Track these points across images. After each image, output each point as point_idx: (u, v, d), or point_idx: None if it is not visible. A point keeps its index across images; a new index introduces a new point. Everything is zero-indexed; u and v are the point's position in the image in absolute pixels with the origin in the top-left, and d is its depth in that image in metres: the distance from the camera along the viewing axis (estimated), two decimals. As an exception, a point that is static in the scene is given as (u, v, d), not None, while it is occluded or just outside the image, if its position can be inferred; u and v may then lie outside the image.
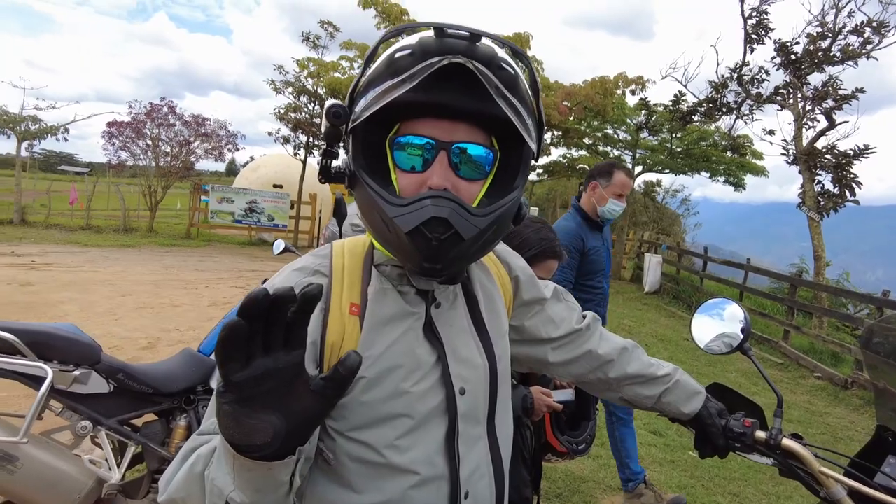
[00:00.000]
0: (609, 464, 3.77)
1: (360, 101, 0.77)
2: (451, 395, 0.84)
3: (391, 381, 0.81)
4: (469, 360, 0.88)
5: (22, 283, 7.55)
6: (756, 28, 11.20)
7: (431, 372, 0.84)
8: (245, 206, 14.68)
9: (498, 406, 0.92)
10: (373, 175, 0.78)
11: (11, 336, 1.79)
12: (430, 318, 0.86)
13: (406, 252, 0.77)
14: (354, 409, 0.81)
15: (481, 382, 0.89)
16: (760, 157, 15.54)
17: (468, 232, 0.74)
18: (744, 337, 1.34)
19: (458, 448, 0.84)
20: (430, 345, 0.85)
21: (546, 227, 1.70)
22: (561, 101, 13.39)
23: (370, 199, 0.76)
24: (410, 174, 0.78)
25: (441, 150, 0.77)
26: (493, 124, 0.79)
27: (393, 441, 0.81)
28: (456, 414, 0.84)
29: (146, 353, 5.01)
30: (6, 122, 14.84)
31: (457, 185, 0.77)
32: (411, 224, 0.73)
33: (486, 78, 0.71)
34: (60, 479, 1.84)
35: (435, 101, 0.74)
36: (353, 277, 0.86)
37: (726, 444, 1.19)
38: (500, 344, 0.95)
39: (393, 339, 0.83)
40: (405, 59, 0.73)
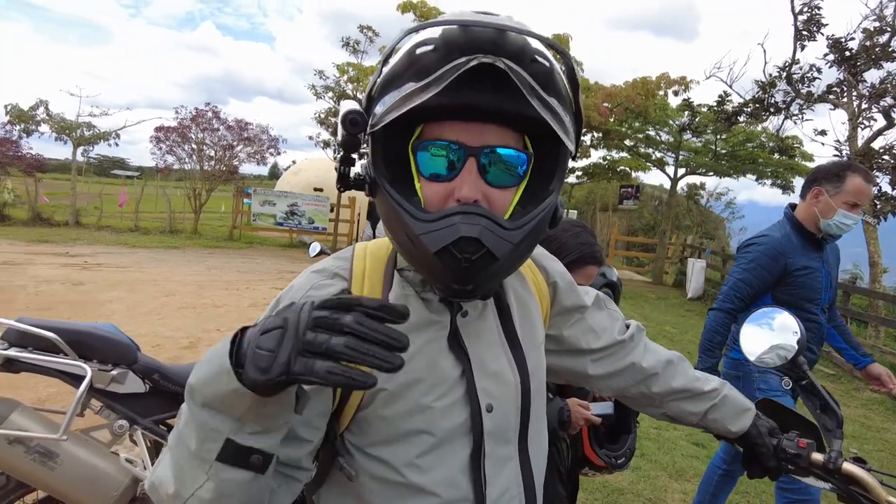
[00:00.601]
0: (648, 475, 3.65)
1: (379, 103, 0.70)
2: (476, 411, 0.78)
3: (412, 396, 0.76)
4: (498, 375, 0.82)
5: (74, 282, 7.86)
6: (807, 24, 10.76)
7: (456, 387, 0.78)
8: (286, 208, 14.98)
9: (531, 424, 0.85)
10: (395, 183, 0.71)
11: (54, 335, 1.83)
12: (455, 327, 0.80)
13: (434, 272, 0.71)
14: (373, 424, 0.76)
15: (512, 399, 0.82)
16: (811, 159, 14.92)
17: (501, 249, 0.67)
18: (798, 349, 1.25)
19: (484, 469, 0.78)
20: (455, 357, 0.79)
21: (585, 230, 1.64)
22: (601, 103, 13.19)
23: (393, 211, 0.70)
24: (436, 183, 0.71)
25: (470, 156, 0.70)
26: (526, 124, 0.71)
27: (413, 459, 0.75)
28: (482, 432, 0.78)
29: (187, 353, 5.12)
30: (63, 129, 15.54)
31: (488, 195, 0.70)
32: (439, 243, 0.66)
33: (519, 76, 0.64)
34: (98, 476, 1.87)
35: (462, 103, 0.67)
36: (374, 282, 0.80)
37: (778, 466, 1.10)
38: (534, 357, 0.88)
39: (415, 350, 0.76)
40: (428, 56, 0.66)
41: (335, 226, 15.24)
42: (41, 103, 15.43)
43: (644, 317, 9.74)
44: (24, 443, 1.75)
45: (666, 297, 12.61)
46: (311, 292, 0.78)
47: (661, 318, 9.96)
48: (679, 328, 9.19)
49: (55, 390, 3.77)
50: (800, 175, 15.14)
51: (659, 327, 8.93)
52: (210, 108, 16.08)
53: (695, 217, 19.54)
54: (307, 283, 0.79)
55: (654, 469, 3.76)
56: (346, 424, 0.78)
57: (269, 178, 44.88)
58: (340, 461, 0.78)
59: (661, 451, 4.08)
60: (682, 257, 15.28)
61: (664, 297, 12.69)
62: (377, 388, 0.75)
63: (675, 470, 3.78)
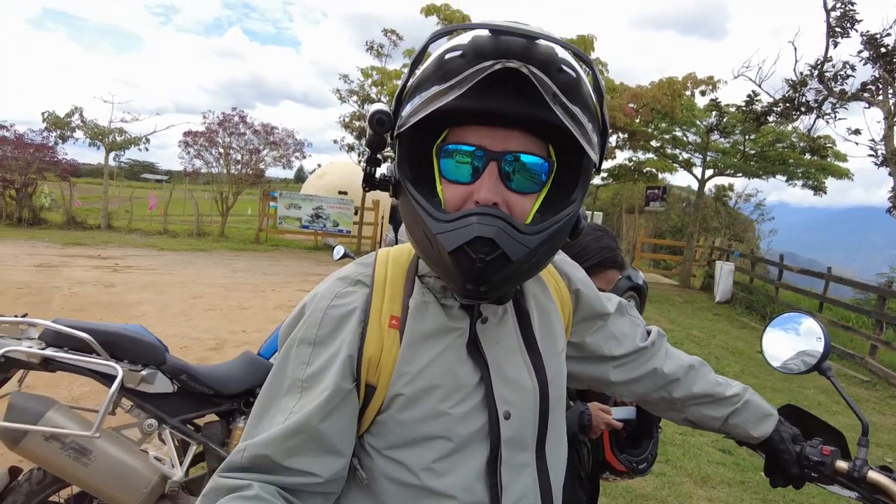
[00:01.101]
0: (673, 481, 3.60)
1: (407, 105, 0.72)
2: (494, 418, 0.78)
3: (429, 401, 0.76)
4: (516, 382, 0.82)
5: (106, 284, 8.07)
6: (840, 20, 10.49)
7: (473, 393, 0.78)
8: (311, 211, 15.17)
9: (549, 432, 0.85)
10: (418, 184, 0.73)
11: (88, 336, 1.89)
12: (474, 334, 0.80)
13: (448, 272, 0.72)
14: (392, 428, 0.77)
15: (530, 406, 0.82)
16: (844, 159, 14.54)
17: (516, 253, 0.68)
18: (823, 355, 1.23)
19: (500, 475, 0.78)
20: (474, 363, 0.79)
21: (606, 234, 1.63)
22: (626, 103, 13.05)
23: (413, 211, 0.72)
24: (457, 185, 0.72)
25: (491, 160, 0.70)
26: (551, 132, 0.71)
27: (430, 464, 0.76)
28: (499, 439, 0.78)
29: (213, 354, 5.22)
30: (97, 135, 15.97)
31: (508, 199, 0.71)
32: (454, 243, 0.67)
33: (543, 83, 0.65)
34: (129, 473, 1.92)
35: (486, 108, 0.68)
36: (396, 288, 0.82)
37: (801, 474, 1.08)
38: (554, 364, 0.88)
39: (433, 357, 0.78)
40: (455, 61, 0.68)
41: (359, 228, 15.37)
42: (76, 110, 15.89)
43: (671, 321, 9.60)
44: (60, 439, 1.81)
45: (693, 301, 12.41)
46: (335, 301, 0.79)
47: (688, 321, 9.81)
48: (706, 332, 9.04)
49: (88, 389, 3.88)
50: (832, 176, 14.76)
51: (686, 331, 8.80)
52: (237, 113, 16.38)
53: (723, 219, 19.21)
54: (331, 292, 0.80)
55: (678, 475, 3.71)
56: (367, 426, 0.80)
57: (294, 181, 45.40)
58: (354, 462, 0.79)
59: (687, 456, 4.02)
60: (709, 260, 15.01)
61: (691, 300, 12.50)
62: (395, 393, 0.76)
63: (701, 476, 3.72)
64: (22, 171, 14.42)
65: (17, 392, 1.89)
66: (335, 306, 0.78)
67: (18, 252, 10.38)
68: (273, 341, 2.46)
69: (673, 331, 8.67)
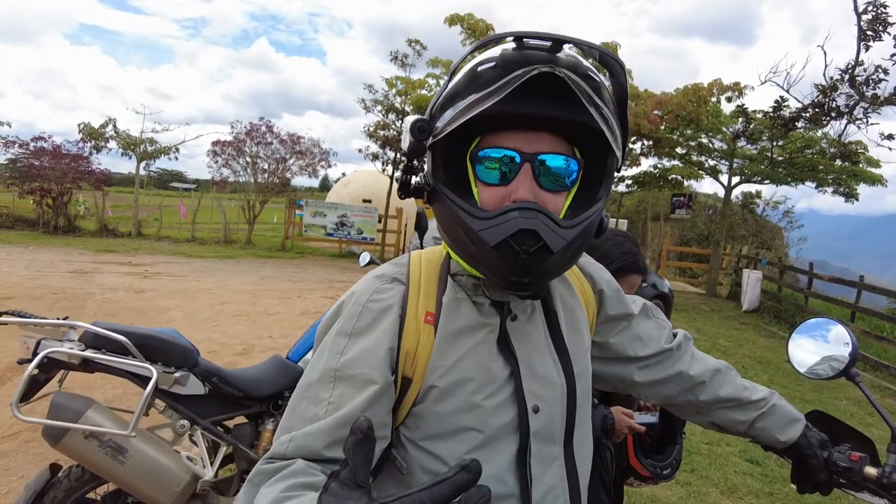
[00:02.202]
0: (699, 491, 3.55)
1: (443, 115, 0.76)
2: (523, 412, 0.82)
3: (462, 394, 0.80)
4: (545, 377, 0.85)
5: (136, 290, 8.28)
6: (872, 24, 10.27)
7: (504, 387, 0.82)
8: (336, 219, 15.35)
9: (577, 426, 0.88)
10: (454, 190, 0.77)
11: (124, 338, 1.96)
12: (504, 330, 0.84)
13: (493, 266, 0.75)
14: (426, 419, 0.81)
15: (558, 401, 0.85)
16: (877, 165, 14.17)
17: (557, 244, 0.72)
18: (850, 360, 1.22)
19: (530, 467, 0.81)
20: (504, 359, 0.83)
21: (628, 240, 1.64)
22: (651, 110, 12.95)
23: (452, 213, 0.76)
24: (493, 188, 0.76)
25: (525, 161, 0.75)
26: (576, 134, 0.76)
27: (462, 455, 0.79)
28: (528, 432, 0.81)
29: (240, 359, 5.32)
30: (129, 145, 16.44)
31: (541, 198, 0.75)
32: (499, 237, 0.72)
33: (578, 86, 0.69)
34: (163, 471, 1.98)
35: (522, 112, 0.72)
36: (430, 286, 0.85)
37: (828, 479, 1.08)
38: (581, 362, 0.91)
39: (465, 351, 0.81)
40: (489, 71, 0.72)
41: (383, 236, 15.50)
42: (110, 121, 16.38)
43: (697, 329, 9.46)
44: (98, 437, 1.88)
45: (720, 310, 12.20)
46: (374, 296, 0.83)
47: (714, 330, 9.65)
48: (733, 341, 8.88)
49: (120, 392, 4.00)
50: (865, 182, 14.41)
51: (713, 340, 8.66)
52: (264, 123, 16.69)
53: (750, 227, 18.84)
54: (370, 288, 0.84)
55: (704, 485, 3.65)
56: (402, 419, 0.83)
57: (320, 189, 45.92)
58: (393, 452, 0.83)
59: (713, 466, 3.96)
60: (736, 268, 14.75)
61: (718, 309, 12.29)
62: (429, 385, 0.80)
63: (728, 487, 3.66)
64: (58, 180, 14.90)
65: (58, 392, 1.96)
66: (374, 300, 0.82)
67: (55, 259, 10.71)
68: (301, 345, 2.51)
69: (699, 340, 8.53)
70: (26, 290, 7.45)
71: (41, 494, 1.97)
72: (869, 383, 7.35)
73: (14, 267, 9.40)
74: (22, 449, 3.27)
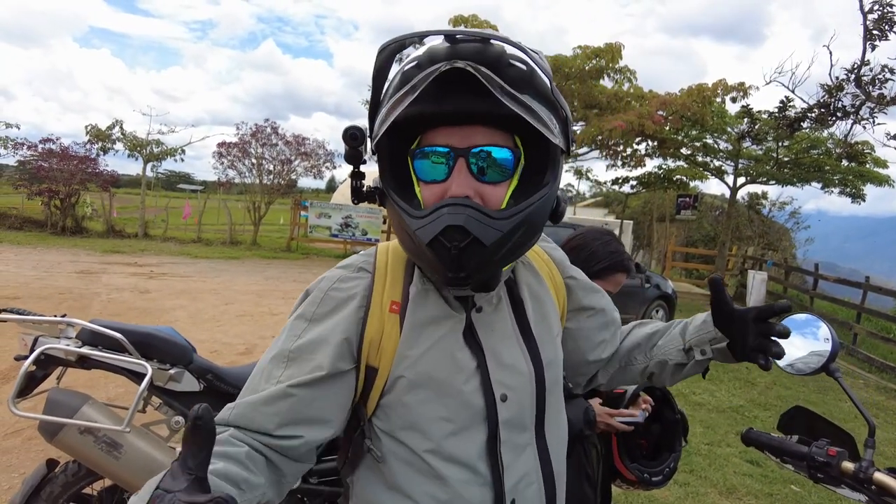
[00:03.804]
0: (697, 492, 3.54)
1: (377, 119, 0.78)
2: (491, 401, 0.83)
3: (430, 384, 0.82)
4: (513, 367, 0.86)
5: (142, 290, 8.34)
6: (878, 23, 10.22)
7: (472, 377, 0.83)
8: (341, 220, 15.40)
9: (548, 413, 0.90)
10: (401, 191, 0.79)
11: (120, 336, 1.99)
12: (470, 322, 0.86)
13: (431, 263, 0.77)
14: (396, 410, 0.83)
15: (527, 389, 0.87)
16: (884, 166, 14.06)
17: (489, 237, 0.73)
18: (830, 356, 1.23)
19: (500, 455, 0.83)
20: (471, 350, 0.84)
21: (614, 239, 1.65)
22: (656, 111, 12.91)
23: (396, 214, 0.78)
24: (433, 185, 0.77)
25: (459, 157, 0.76)
26: (514, 124, 0.75)
27: (433, 445, 0.81)
28: (497, 421, 0.83)
29: (243, 359, 5.35)
30: (135, 147, 16.56)
31: (481, 191, 0.76)
32: (430, 234, 0.73)
33: (489, 79, 0.69)
34: (158, 467, 2.00)
35: (445, 110, 0.74)
36: (396, 276, 0.87)
37: (757, 344, 0.93)
38: (549, 349, 0.92)
39: (433, 342, 0.83)
40: (412, 71, 0.73)
41: (387, 237, 15.53)
42: (117, 123, 16.52)
43: (700, 330, 9.41)
44: (94, 433, 1.90)
45: (724, 311, 12.13)
46: (337, 284, 0.86)
47: (718, 331, 9.60)
48: (737, 342, 8.83)
49: (122, 391, 4.03)
50: (872, 182, 14.31)
51: (716, 341, 8.61)
52: (269, 124, 16.75)
53: (756, 227, 18.75)
54: (335, 276, 0.87)
55: (703, 486, 3.65)
56: (373, 409, 0.85)
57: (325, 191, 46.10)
58: (368, 444, 0.85)
59: (712, 467, 3.95)
60: (742, 269, 14.68)
61: (723, 310, 12.22)
62: (397, 375, 0.82)
63: (727, 487, 3.65)
64: (66, 182, 15.04)
65: (55, 388, 1.99)
66: (336, 289, 0.85)
67: (62, 259, 10.81)
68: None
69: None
70: (34, 290, 7.53)
71: (38, 489, 2.00)
72: (875, 385, 7.30)
73: (22, 267, 9.50)
74: (24, 446, 3.32)
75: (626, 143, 13.74)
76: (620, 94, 13.30)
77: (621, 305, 5.31)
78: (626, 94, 13.39)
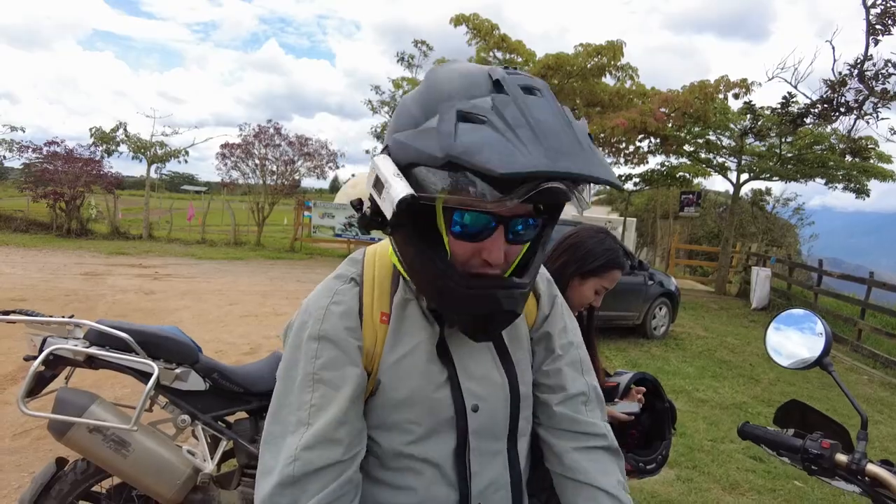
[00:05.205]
0: (700, 487, 3.56)
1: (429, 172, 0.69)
2: (461, 411, 0.86)
3: (403, 389, 0.85)
4: (485, 378, 0.89)
5: (147, 291, 8.39)
6: (881, 18, 10.18)
7: (441, 387, 0.86)
8: (344, 220, 15.43)
9: (521, 423, 0.93)
10: (419, 229, 0.76)
11: (127, 336, 2.02)
12: (443, 337, 0.88)
13: (463, 320, 0.80)
14: (372, 410, 0.85)
15: (500, 400, 0.90)
16: (888, 161, 14.02)
17: (522, 307, 0.79)
18: (824, 350, 1.25)
19: (469, 462, 0.86)
20: (442, 362, 0.87)
21: (609, 237, 1.67)
22: (658, 108, 12.90)
23: (424, 259, 0.77)
24: (465, 242, 0.76)
25: (500, 224, 0.74)
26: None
27: (402, 447, 0.85)
28: (466, 429, 0.86)
29: (247, 358, 5.38)
30: (139, 149, 16.64)
31: (507, 252, 0.77)
32: (482, 309, 0.76)
33: (578, 196, 0.71)
34: (164, 465, 2.03)
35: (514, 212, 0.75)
36: (383, 287, 0.89)
37: None
38: (524, 363, 0.95)
39: (409, 349, 0.86)
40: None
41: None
42: (121, 125, 16.60)
43: (705, 328, 9.42)
44: (102, 431, 1.94)
45: (729, 308, 12.13)
46: (336, 297, 0.86)
47: (723, 328, 9.60)
48: (742, 339, 8.83)
49: (129, 391, 4.07)
50: (876, 178, 14.26)
51: (721, 338, 8.62)
52: (272, 125, 16.82)
53: (760, 224, 18.71)
54: (330, 290, 0.88)
55: (706, 481, 3.66)
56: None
57: (329, 191, 46.12)
58: None
59: (715, 463, 3.96)
60: (745, 266, 14.65)
61: (727, 307, 12.22)
62: (377, 379, 0.85)
63: (730, 483, 3.67)
64: (71, 184, 15.13)
65: (63, 388, 2.02)
66: (336, 303, 0.86)
67: (67, 261, 10.88)
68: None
69: (707, 338, 8.51)
70: (40, 292, 7.58)
71: (48, 487, 2.03)
72: (879, 381, 7.28)
73: (28, 269, 9.57)
74: (32, 446, 3.36)
75: (629, 140, 13.73)
76: (623, 91, 13.28)
77: (625, 303, 5.45)
78: (629, 91, 13.37)
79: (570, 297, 1.63)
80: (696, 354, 7.45)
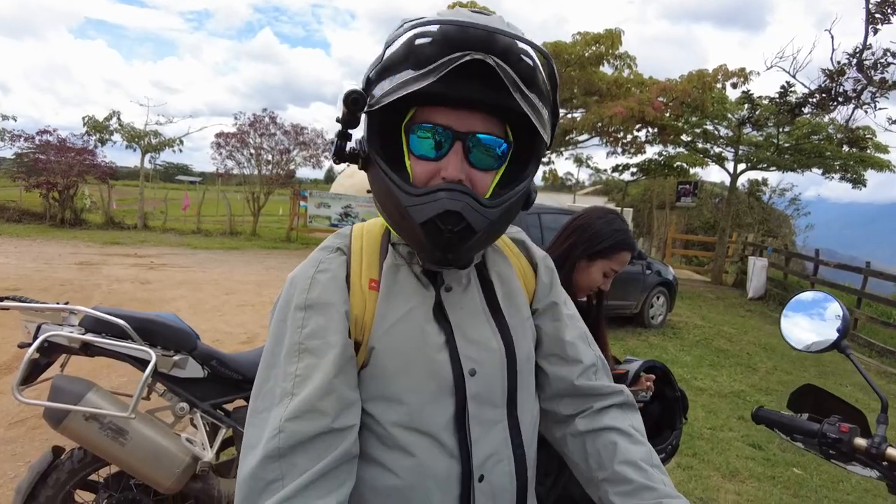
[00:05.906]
0: (700, 475, 3.56)
1: (378, 86, 0.77)
2: (459, 374, 0.83)
3: (398, 355, 0.82)
4: (481, 343, 0.87)
5: (142, 281, 8.34)
6: (880, 6, 10.12)
7: (440, 350, 0.84)
8: (341, 210, 15.37)
9: (520, 390, 0.90)
10: (388, 160, 0.79)
11: (123, 322, 1.98)
12: (439, 299, 0.86)
13: (419, 242, 0.79)
14: (365, 380, 0.82)
15: (497, 365, 0.87)
16: (885, 151, 14.00)
17: (480, 224, 0.76)
18: (841, 333, 1.22)
19: (469, 429, 0.83)
20: (439, 325, 0.85)
21: (618, 218, 1.64)
22: (656, 97, 12.85)
23: (385, 184, 0.78)
24: (425, 161, 0.79)
25: (457, 140, 0.77)
26: (508, 114, 0.79)
27: (398, 416, 0.81)
28: (465, 394, 0.83)
29: (244, 348, 5.35)
30: (133, 138, 16.49)
31: (470, 176, 0.78)
32: (425, 216, 0.75)
33: (506, 73, 0.72)
34: (163, 453, 2.00)
35: (453, 94, 0.75)
36: (372, 256, 0.88)
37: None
38: (520, 329, 0.93)
39: (402, 314, 0.84)
40: (425, 47, 0.73)
41: (387, 226, 15.52)
42: (114, 114, 16.44)
43: (702, 317, 9.45)
44: (99, 419, 1.90)
45: (725, 297, 12.16)
46: (321, 266, 0.85)
47: (719, 318, 9.62)
48: (738, 328, 8.86)
49: (125, 380, 4.04)
50: (873, 168, 14.26)
51: (718, 328, 8.64)
52: (267, 114, 16.69)
53: (756, 214, 18.74)
54: (316, 260, 0.86)
55: (706, 469, 3.66)
56: None
57: (324, 181, 45.91)
58: None
59: (715, 451, 3.96)
60: (742, 256, 14.68)
61: (723, 297, 12.25)
62: (371, 346, 0.82)
63: (729, 470, 3.67)
64: (64, 174, 14.99)
65: (59, 375, 1.99)
66: (322, 271, 0.84)
67: (62, 251, 10.80)
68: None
69: (704, 327, 8.52)
70: (34, 283, 7.51)
71: (44, 476, 2.00)
72: (875, 370, 7.32)
73: (22, 259, 9.49)
74: (28, 435, 3.32)
75: (626, 129, 13.67)
76: (620, 80, 13.23)
77: (623, 292, 5.43)
78: (627, 80, 13.32)
79: (578, 280, 1.60)
80: (694, 343, 7.47)
